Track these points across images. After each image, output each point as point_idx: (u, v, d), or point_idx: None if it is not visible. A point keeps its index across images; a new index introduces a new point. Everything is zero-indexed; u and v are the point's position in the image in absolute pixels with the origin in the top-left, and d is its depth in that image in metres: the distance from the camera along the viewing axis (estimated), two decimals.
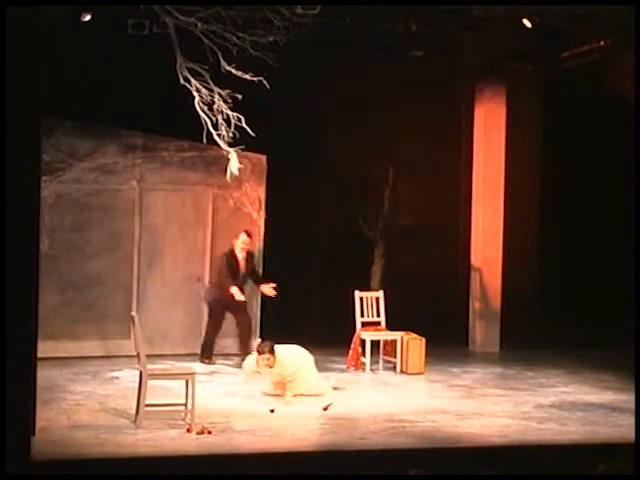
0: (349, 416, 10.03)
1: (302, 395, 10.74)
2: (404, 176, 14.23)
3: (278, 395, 10.77)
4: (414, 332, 12.61)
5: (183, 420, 9.39)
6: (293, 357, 10.94)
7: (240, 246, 12.69)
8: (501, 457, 8.70)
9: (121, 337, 12.72)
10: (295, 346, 11.11)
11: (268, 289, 12.49)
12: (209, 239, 13.41)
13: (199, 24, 10.36)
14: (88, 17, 11.08)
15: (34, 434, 8.47)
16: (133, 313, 12.04)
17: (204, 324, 13.23)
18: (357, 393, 11.23)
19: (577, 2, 11.11)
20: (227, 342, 13.24)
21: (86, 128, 12.81)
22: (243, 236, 12.70)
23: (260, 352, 10.66)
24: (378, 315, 12.79)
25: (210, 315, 12.90)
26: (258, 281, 12.86)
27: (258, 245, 13.48)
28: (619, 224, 13.77)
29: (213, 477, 8.08)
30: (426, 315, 12.00)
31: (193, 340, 13.28)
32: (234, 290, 12.34)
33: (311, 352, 13.07)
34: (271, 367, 10.69)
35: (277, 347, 10.74)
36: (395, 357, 12.46)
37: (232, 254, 12.67)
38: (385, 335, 12.58)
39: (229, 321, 12.85)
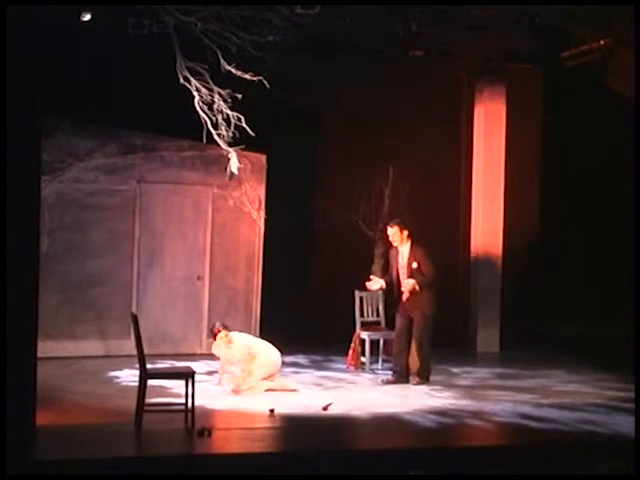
0: (349, 416, 10.03)
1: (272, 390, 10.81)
2: (404, 176, 14.22)
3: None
4: None
5: (183, 420, 9.38)
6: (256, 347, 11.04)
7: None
8: (501, 457, 8.69)
9: (121, 337, 12.73)
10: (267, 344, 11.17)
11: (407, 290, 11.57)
12: (209, 239, 13.42)
13: (199, 24, 10.35)
14: (88, 17, 11.09)
15: (34, 434, 8.46)
16: (134, 311, 12.06)
17: (204, 323, 13.25)
18: (357, 393, 11.22)
19: (577, 2, 11.12)
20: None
21: (86, 128, 12.82)
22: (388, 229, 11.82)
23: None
24: (378, 315, 12.79)
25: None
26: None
27: (258, 243, 13.50)
28: (619, 224, 13.76)
29: (213, 477, 8.07)
30: None
31: (193, 340, 13.29)
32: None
33: (311, 352, 13.14)
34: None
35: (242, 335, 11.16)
36: None
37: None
38: (385, 335, 12.57)
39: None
